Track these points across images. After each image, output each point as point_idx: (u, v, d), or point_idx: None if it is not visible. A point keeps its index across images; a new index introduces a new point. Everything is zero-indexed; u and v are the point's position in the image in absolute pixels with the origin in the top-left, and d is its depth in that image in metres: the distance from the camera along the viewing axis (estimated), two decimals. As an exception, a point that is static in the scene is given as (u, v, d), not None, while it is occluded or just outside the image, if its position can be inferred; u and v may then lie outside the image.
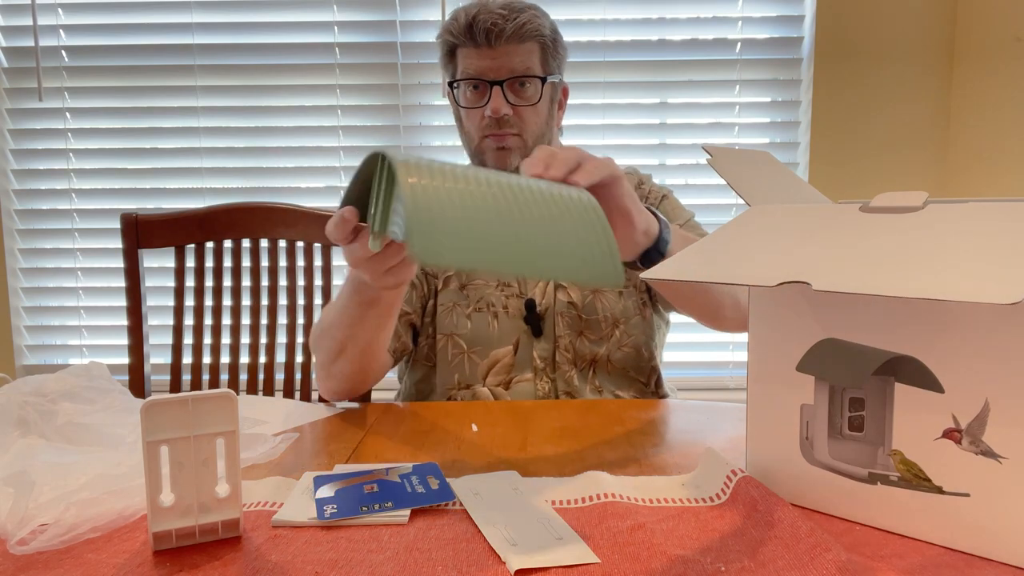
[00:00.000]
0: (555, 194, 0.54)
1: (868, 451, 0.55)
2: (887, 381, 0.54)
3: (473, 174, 0.52)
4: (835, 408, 0.57)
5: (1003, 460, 0.49)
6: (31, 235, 1.95)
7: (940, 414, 0.51)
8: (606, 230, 0.54)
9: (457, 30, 1.03)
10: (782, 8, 1.86)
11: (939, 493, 0.52)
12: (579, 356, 1.06)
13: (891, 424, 0.54)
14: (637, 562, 0.50)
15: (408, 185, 0.48)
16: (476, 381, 1.06)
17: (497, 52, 1.02)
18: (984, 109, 1.78)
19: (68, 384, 0.75)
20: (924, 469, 0.52)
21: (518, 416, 0.87)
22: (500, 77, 1.02)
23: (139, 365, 1.29)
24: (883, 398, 0.54)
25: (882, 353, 0.54)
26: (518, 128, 1.04)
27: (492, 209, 0.50)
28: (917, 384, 0.52)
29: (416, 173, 0.49)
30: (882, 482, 0.55)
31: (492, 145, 1.05)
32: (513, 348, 1.06)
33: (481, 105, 1.04)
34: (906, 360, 0.53)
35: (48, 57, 1.89)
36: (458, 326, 1.07)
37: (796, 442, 0.59)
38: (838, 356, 0.56)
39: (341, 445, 0.77)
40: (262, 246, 1.32)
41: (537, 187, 0.54)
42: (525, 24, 1.02)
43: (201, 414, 0.52)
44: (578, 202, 0.55)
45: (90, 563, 0.51)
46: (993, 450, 0.49)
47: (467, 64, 1.04)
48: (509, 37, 1.01)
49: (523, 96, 1.04)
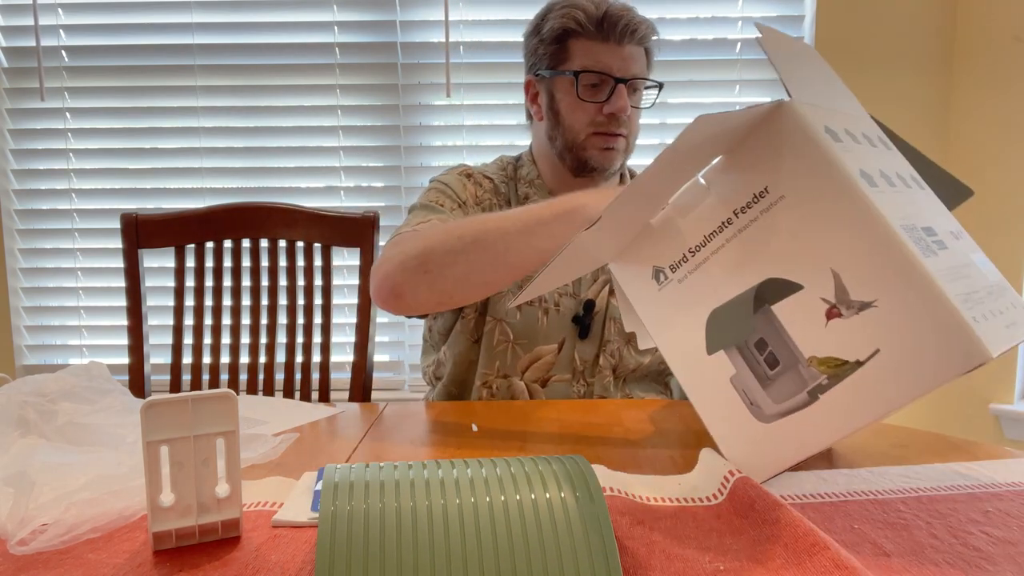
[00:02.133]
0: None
1: (794, 376, 0.59)
2: (766, 311, 0.59)
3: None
4: (751, 361, 0.61)
5: (877, 303, 0.54)
6: (31, 235, 1.95)
7: (813, 304, 0.57)
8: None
9: (585, 20, 1.01)
10: (782, 8, 1.87)
11: (861, 366, 0.55)
12: (623, 364, 1.06)
13: (792, 341, 0.59)
14: (635, 555, 0.50)
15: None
16: (515, 373, 1.06)
17: (624, 51, 1.01)
18: (984, 109, 1.78)
19: (68, 384, 0.75)
20: (837, 356, 0.56)
21: (518, 416, 0.87)
22: (625, 76, 1.02)
23: (139, 365, 1.29)
24: (773, 325, 0.60)
25: (747, 294, 0.60)
26: (627, 130, 1.04)
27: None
28: (784, 295, 0.58)
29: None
30: (821, 392, 0.58)
31: (599, 144, 1.04)
32: (558, 347, 1.06)
33: (599, 100, 1.02)
34: (765, 285, 0.59)
35: (48, 57, 1.89)
36: (509, 314, 1.06)
37: (746, 412, 0.62)
38: (723, 320, 0.62)
39: (341, 445, 0.77)
40: (262, 246, 1.32)
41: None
42: (649, 28, 1.03)
43: (201, 414, 0.52)
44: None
45: (90, 563, 0.51)
46: (865, 301, 0.55)
47: (594, 58, 1.02)
48: (637, 39, 1.02)
49: (637, 99, 1.05)
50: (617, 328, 1.06)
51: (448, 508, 0.44)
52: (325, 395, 1.31)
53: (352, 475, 0.47)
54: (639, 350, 1.06)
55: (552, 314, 1.06)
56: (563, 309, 1.06)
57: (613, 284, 0.87)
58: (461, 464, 0.49)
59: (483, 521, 0.44)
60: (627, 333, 1.06)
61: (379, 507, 0.44)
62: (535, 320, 1.06)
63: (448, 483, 0.46)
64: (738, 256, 0.61)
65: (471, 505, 0.45)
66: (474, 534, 0.43)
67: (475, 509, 0.45)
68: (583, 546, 0.44)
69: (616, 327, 1.06)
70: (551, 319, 1.06)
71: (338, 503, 0.44)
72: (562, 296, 1.06)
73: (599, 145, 1.04)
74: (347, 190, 1.93)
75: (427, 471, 0.47)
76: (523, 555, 0.43)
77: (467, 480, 0.46)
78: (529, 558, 0.43)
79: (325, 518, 0.43)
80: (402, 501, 0.45)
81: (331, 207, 1.39)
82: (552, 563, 0.43)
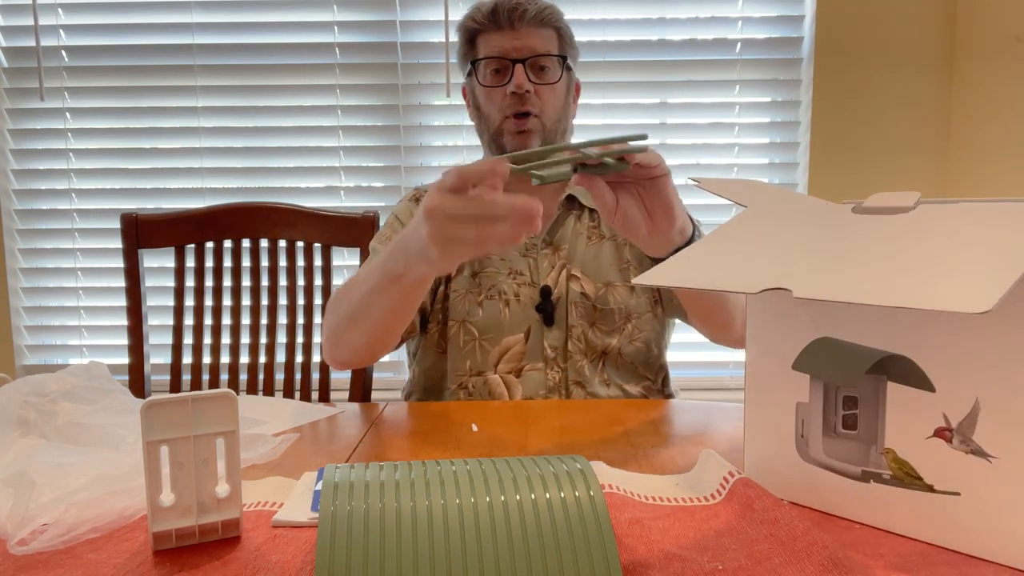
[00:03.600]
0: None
1: (861, 449, 0.55)
2: (880, 380, 0.54)
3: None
4: (829, 406, 0.57)
5: (993, 460, 0.49)
6: (31, 235, 1.95)
7: (931, 413, 0.51)
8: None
9: (480, 16, 1.07)
10: (782, 8, 1.87)
11: (930, 492, 0.52)
12: (591, 346, 1.07)
13: (883, 422, 0.54)
14: (634, 553, 0.50)
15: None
16: (488, 368, 1.07)
17: (519, 34, 1.05)
18: (984, 109, 1.78)
19: (68, 384, 0.75)
20: (916, 468, 0.53)
21: (518, 416, 0.87)
22: (522, 56, 1.05)
23: (139, 365, 1.29)
24: (876, 397, 0.54)
25: (875, 352, 0.54)
26: (538, 109, 1.06)
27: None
28: (909, 383, 0.52)
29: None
30: (875, 480, 0.55)
31: (512, 128, 1.06)
32: (524, 336, 1.06)
33: (503, 84, 1.06)
34: (898, 359, 0.53)
35: (48, 57, 1.89)
36: (470, 313, 1.07)
37: (792, 440, 0.59)
38: (832, 355, 0.56)
39: (341, 445, 0.77)
40: (262, 246, 1.33)
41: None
42: (545, 9, 1.07)
43: (201, 414, 0.52)
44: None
45: (90, 563, 0.51)
46: (983, 449, 0.49)
47: (490, 46, 1.07)
48: (531, 20, 1.05)
49: (543, 77, 1.07)
50: (579, 312, 1.06)
51: (448, 508, 0.44)
52: (325, 395, 1.32)
53: (352, 475, 0.47)
54: (603, 332, 1.07)
55: (514, 305, 1.07)
56: (523, 299, 1.07)
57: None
58: (461, 464, 0.49)
59: (483, 521, 0.44)
60: (590, 316, 1.06)
61: (379, 507, 0.44)
62: (497, 313, 1.07)
63: (448, 483, 0.46)
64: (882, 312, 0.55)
65: (471, 505, 0.45)
66: (474, 534, 0.43)
67: (475, 509, 0.45)
68: (583, 545, 0.44)
69: (578, 311, 1.07)
70: (513, 310, 1.07)
71: (338, 503, 0.44)
72: (521, 286, 1.07)
73: (512, 130, 1.07)
74: (347, 190, 1.93)
75: (427, 471, 0.48)
76: (523, 555, 0.43)
77: (467, 480, 0.46)
78: (529, 558, 0.43)
79: (325, 518, 0.44)
80: (402, 501, 0.45)
81: (331, 207, 1.39)
82: (552, 562, 0.43)
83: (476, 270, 1.09)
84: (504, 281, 1.08)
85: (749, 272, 0.54)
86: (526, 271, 1.08)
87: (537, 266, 1.08)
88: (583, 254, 1.09)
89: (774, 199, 0.67)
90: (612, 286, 1.08)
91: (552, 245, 1.09)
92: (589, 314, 1.07)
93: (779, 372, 0.60)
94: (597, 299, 1.07)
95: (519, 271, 1.08)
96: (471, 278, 1.09)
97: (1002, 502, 0.49)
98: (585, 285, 1.07)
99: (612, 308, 1.07)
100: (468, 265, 1.09)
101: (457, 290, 1.08)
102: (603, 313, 1.07)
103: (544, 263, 1.08)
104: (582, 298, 1.07)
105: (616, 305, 1.07)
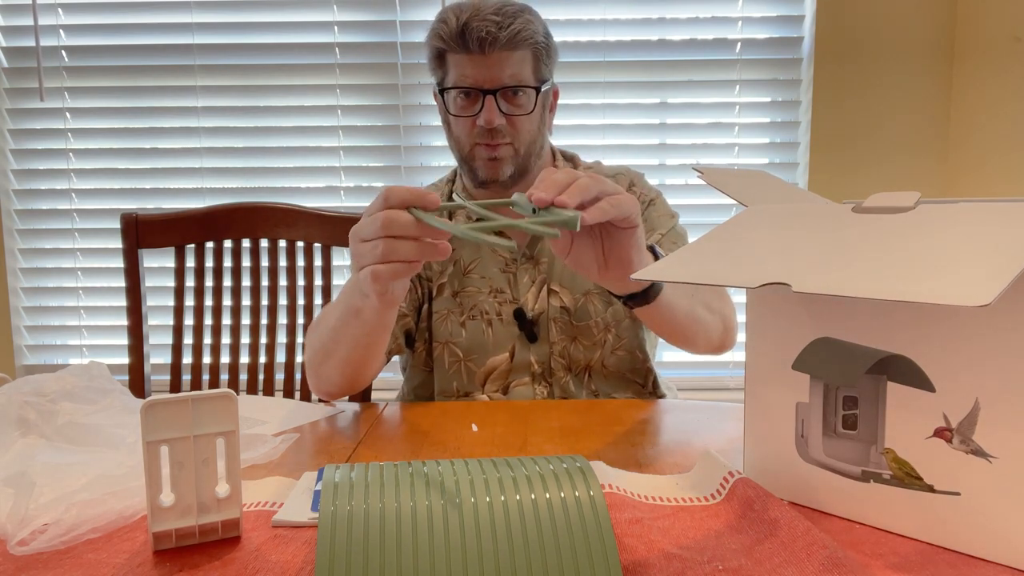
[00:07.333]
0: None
1: (861, 449, 0.55)
2: (879, 380, 0.54)
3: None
4: (829, 406, 0.57)
5: (993, 460, 0.49)
6: (31, 235, 1.95)
7: (931, 413, 0.51)
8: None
9: (448, 35, 0.98)
10: (782, 8, 1.86)
11: (930, 492, 0.52)
12: (573, 362, 1.06)
13: (883, 422, 0.54)
14: (634, 553, 0.50)
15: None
16: (475, 389, 1.07)
17: (490, 60, 0.97)
18: (984, 109, 1.78)
19: (68, 384, 0.75)
20: (916, 467, 0.53)
21: (518, 416, 0.87)
22: (493, 87, 0.98)
23: (139, 365, 1.29)
24: (876, 397, 0.54)
25: (875, 352, 0.54)
26: (511, 137, 1.01)
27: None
28: (909, 383, 0.53)
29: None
30: (875, 480, 0.55)
31: (484, 155, 1.01)
32: (509, 355, 1.06)
33: (473, 115, 1.00)
34: (898, 359, 0.53)
35: (48, 57, 1.89)
36: (453, 334, 1.07)
37: (792, 439, 0.59)
38: (832, 355, 0.56)
39: (341, 445, 0.77)
40: (262, 246, 1.32)
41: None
42: (519, 32, 0.97)
43: (201, 414, 0.52)
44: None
45: (90, 563, 0.51)
46: (983, 449, 0.49)
47: (459, 72, 0.99)
48: (503, 45, 0.97)
49: (516, 104, 1.00)
50: (559, 327, 1.06)
51: (448, 508, 0.44)
52: (325, 395, 1.31)
53: (352, 475, 0.47)
54: (585, 346, 1.06)
55: (496, 324, 1.06)
56: (506, 317, 1.06)
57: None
58: (461, 464, 0.49)
59: (483, 521, 0.44)
60: (570, 331, 1.06)
61: (379, 507, 0.44)
62: (480, 333, 1.06)
63: (448, 483, 0.46)
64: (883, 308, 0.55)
65: (471, 505, 0.45)
66: (474, 534, 0.44)
67: (475, 509, 0.45)
68: (583, 545, 0.44)
69: (558, 327, 1.06)
70: (496, 329, 1.06)
71: (338, 503, 0.44)
72: (502, 304, 1.07)
73: (483, 156, 1.02)
74: (347, 190, 1.93)
75: (427, 471, 0.48)
76: (523, 554, 0.43)
77: (467, 480, 0.46)
78: (529, 557, 0.43)
79: (325, 518, 0.44)
80: (402, 501, 0.45)
81: (331, 207, 1.39)
82: (552, 562, 0.43)
83: (456, 290, 1.08)
84: (485, 300, 1.07)
85: (749, 268, 0.54)
86: (506, 288, 1.07)
87: (517, 282, 1.07)
88: (562, 266, 1.07)
89: (776, 195, 0.67)
90: (590, 295, 1.06)
91: (532, 259, 1.07)
92: (569, 330, 1.06)
93: (779, 372, 0.60)
94: (576, 312, 1.06)
95: (499, 289, 1.07)
96: (452, 298, 1.08)
97: (1002, 502, 0.49)
98: (564, 298, 1.06)
99: (592, 321, 1.06)
100: (449, 284, 1.08)
101: (439, 311, 1.08)
102: (582, 328, 1.06)
103: (524, 278, 1.07)
104: (562, 313, 1.06)
105: (596, 317, 1.06)
